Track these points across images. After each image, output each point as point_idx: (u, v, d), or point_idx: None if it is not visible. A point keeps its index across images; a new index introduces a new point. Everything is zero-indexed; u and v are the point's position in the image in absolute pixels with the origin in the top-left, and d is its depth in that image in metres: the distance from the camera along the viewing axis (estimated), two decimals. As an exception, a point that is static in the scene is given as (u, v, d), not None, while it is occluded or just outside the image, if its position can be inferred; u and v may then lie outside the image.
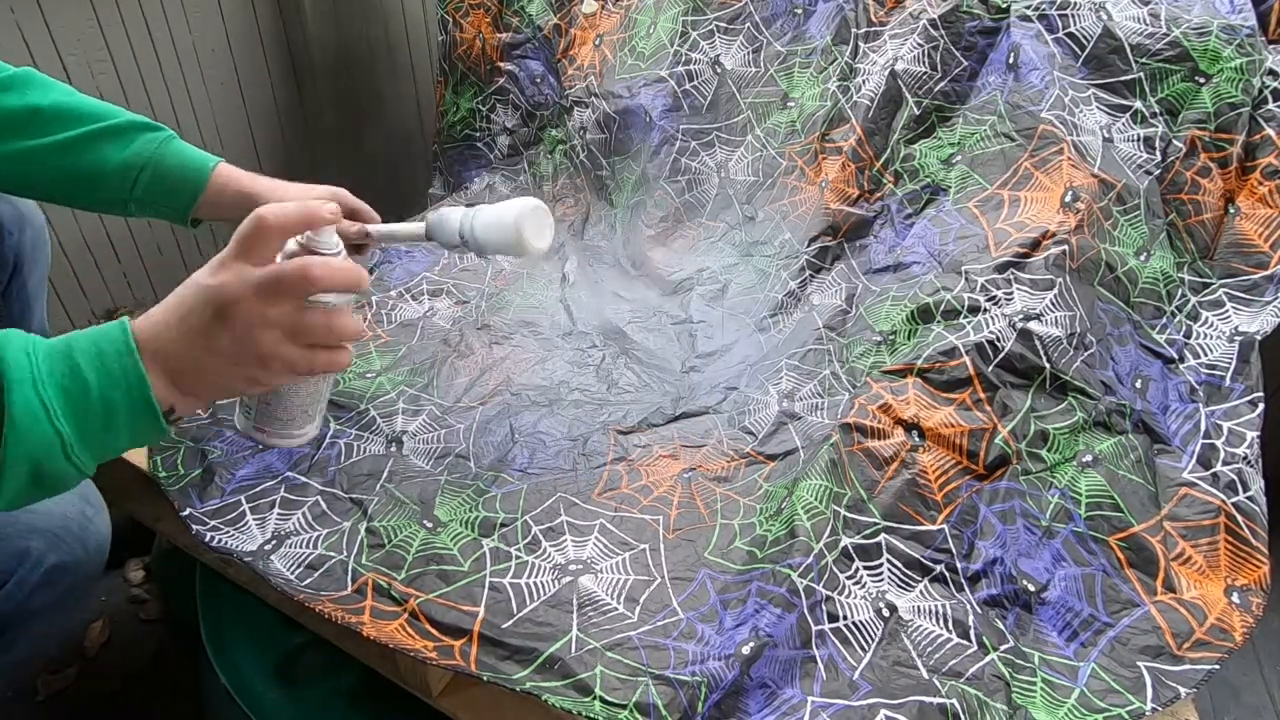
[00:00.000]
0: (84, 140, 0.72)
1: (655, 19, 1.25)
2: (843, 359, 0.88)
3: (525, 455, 0.81)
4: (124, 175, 0.73)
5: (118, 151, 0.73)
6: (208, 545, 0.67)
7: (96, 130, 0.73)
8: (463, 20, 1.41)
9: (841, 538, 0.67)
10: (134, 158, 0.73)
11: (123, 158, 0.73)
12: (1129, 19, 0.90)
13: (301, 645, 0.77)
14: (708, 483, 0.78)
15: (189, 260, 1.53)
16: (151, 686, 0.98)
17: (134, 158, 0.73)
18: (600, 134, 1.28)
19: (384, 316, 1.03)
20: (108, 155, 0.73)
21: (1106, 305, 0.82)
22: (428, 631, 0.61)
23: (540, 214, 0.69)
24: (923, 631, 0.63)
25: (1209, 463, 0.74)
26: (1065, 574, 0.68)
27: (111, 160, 0.73)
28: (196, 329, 0.47)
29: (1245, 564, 0.69)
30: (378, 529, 0.69)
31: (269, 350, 0.47)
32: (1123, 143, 0.89)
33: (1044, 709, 0.59)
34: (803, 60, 1.16)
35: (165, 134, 0.77)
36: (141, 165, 0.73)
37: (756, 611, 0.61)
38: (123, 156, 0.73)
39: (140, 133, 0.75)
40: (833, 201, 1.05)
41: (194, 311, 0.47)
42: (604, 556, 0.68)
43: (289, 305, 0.47)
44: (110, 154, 0.73)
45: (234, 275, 0.47)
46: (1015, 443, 0.72)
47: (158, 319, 0.48)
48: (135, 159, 0.73)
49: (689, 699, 0.55)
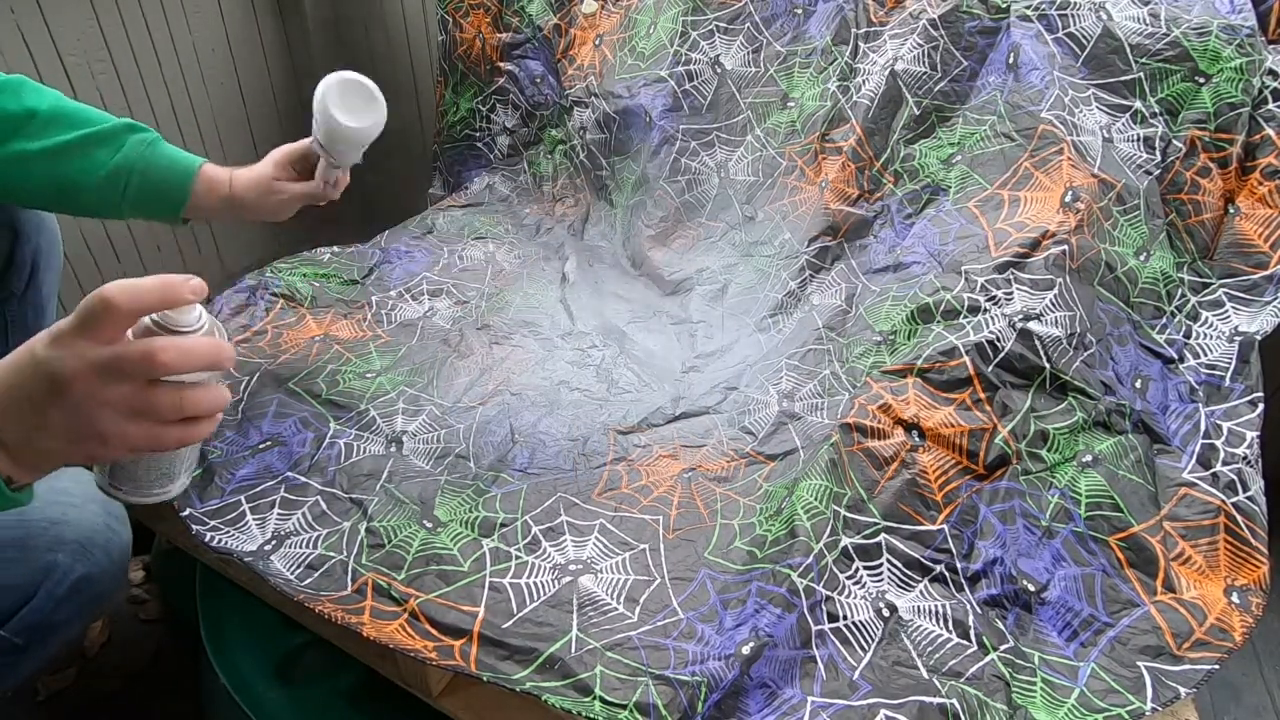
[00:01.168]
0: (76, 146, 0.73)
1: (655, 19, 1.25)
2: (843, 359, 0.88)
3: (525, 455, 0.81)
4: (114, 181, 0.74)
5: (108, 157, 0.74)
6: (208, 545, 0.67)
7: (87, 135, 0.74)
8: (463, 20, 1.41)
9: (841, 538, 0.67)
10: (123, 162, 0.74)
11: (113, 163, 0.74)
12: (1129, 19, 0.90)
13: (301, 645, 0.77)
14: (708, 483, 0.78)
15: (189, 260, 1.54)
16: (151, 686, 0.98)
17: (123, 162, 0.74)
18: (600, 134, 1.28)
19: (384, 317, 1.03)
20: (99, 161, 0.74)
21: (1106, 305, 0.82)
22: (428, 632, 0.61)
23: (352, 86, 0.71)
24: (923, 631, 0.63)
25: (1209, 463, 0.74)
26: (1065, 574, 0.68)
27: (103, 166, 0.74)
28: (28, 403, 0.43)
29: (1245, 564, 0.69)
30: (378, 529, 0.69)
31: (107, 429, 0.43)
32: (1123, 143, 0.89)
33: (1044, 709, 0.59)
34: (803, 60, 1.16)
35: (151, 136, 0.78)
36: (129, 169, 0.74)
37: (756, 611, 0.61)
38: (113, 162, 0.74)
39: (128, 135, 0.76)
40: (833, 201, 1.05)
41: (26, 384, 0.43)
42: (604, 556, 0.68)
43: (129, 387, 0.43)
44: (101, 159, 0.74)
45: (70, 352, 0.42)
46: (1015, 443, 0.72)
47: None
48: (124, 163, 0.74)
49: (689, 699, 0.55)
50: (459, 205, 1.36)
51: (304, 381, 0.86)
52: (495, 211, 1.34)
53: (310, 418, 0.82)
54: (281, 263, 1.10)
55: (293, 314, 0.99)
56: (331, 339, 0.95)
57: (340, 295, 1.05)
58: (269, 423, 0.80)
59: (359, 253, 1.17)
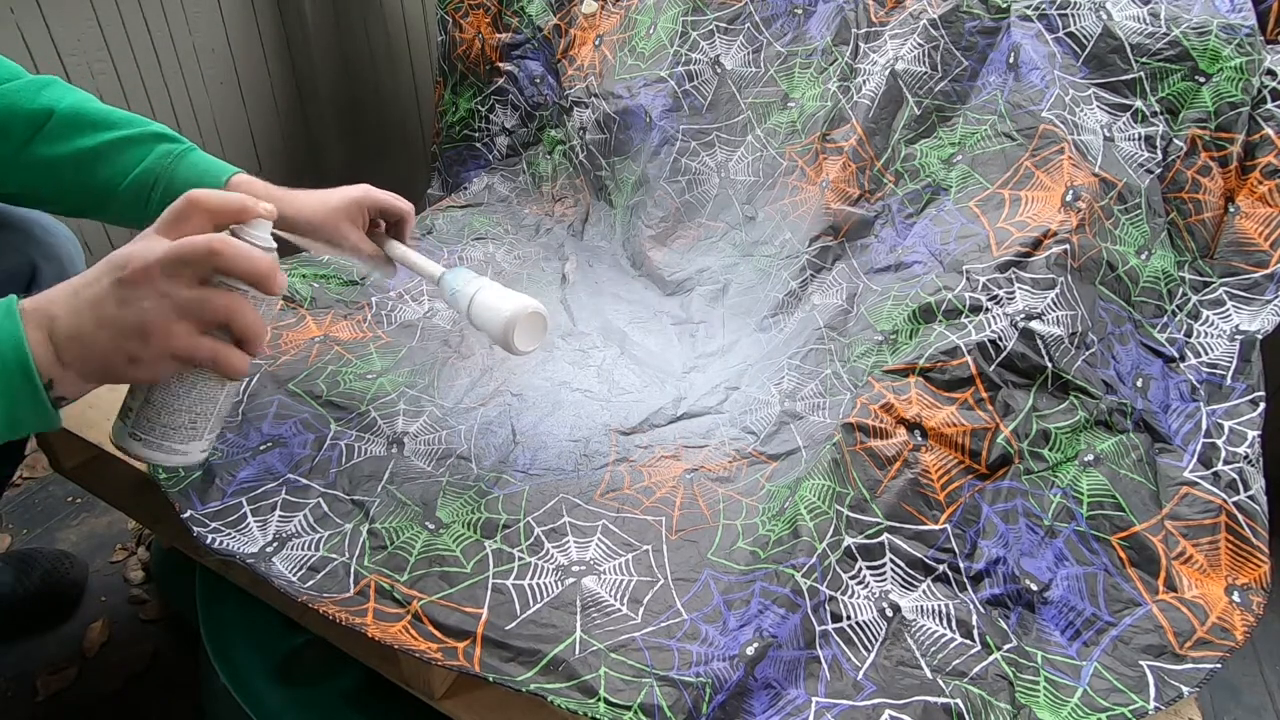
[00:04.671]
0: (100, 151, 0.70)
1: (655, 19, 1.25)
2: (844, 358, 0.88)
3: (527, 456, 0.81)
4: (138, 191, 0.71)
5: (133, 163, 0.71)
6: (209, 547, 0.67)
7: (113, 140, 0.71)
8: (462, 20, 1.41)
9: (844, 537, 0.67)
10: (146, 173, 0.71)
11: (137, 173, 0.71)
12: (1129, 18, 0.90)
13: (301, 645, 0.77)
14: (710, 483, 0.78)
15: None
16: (151, 686, 0.98)
17: (146, 173, 0.71)
18: (600, 134, 1.28)
19: (384, 318, 1.03)
20: (124, 168, 0.71)
21: (1108, 304, 0.82)
22: (431, 634, 0.60)
23: (536, 320, 0.71)
24: (926, 631, 0.63)
25: (1210, 462, 0.75)
26: (1067, 573, 0.68)
27: (127, 174, 0.71)
28: (90, 295, 0.45)
29: (1246, 563, 0.69)
30: (380, 530, 0.69)
31: (154, 321, 0.44)
32: (1123, 142, 0.89)
33: (1047, 708, 0.59)
34: (803, 60, 1.16)
35: (184, 146, 0.74)
36: (154, 181, 0.71)
37: (760, 612, 0.61)
38: (137, 171, 0.71)
39: (157, 144, 0.72)
40: (833, 201, 1.05)
41: (95, 278, 0.45)
42: (607, 558, 0.68)
43: (186, 277, 0.44)
44: (126, 166, 0.71)
45: (144, 244, 0.45)
46: (1017, 442, 0.72)
47: (58, 287, 0.46)
48: (148, 174, 0.71)
49: (693, 700, 0.55)
50: (458, 206, 1.35)
51: (304, 383, 0.86)
52: (494, 212, 1.34)
53: (311, 419, 0.81)
54: (280, 263, 1.09)
55: (292, 315, 0.99)
56: (332, 340, 0.95)
57: (340, 296, 1.05)
58: (269, 424, 0.80)
59: (359, 253, 1.17)
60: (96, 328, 0.44)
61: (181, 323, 0.45)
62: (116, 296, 0.44)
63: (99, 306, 0.44)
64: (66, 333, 0.45)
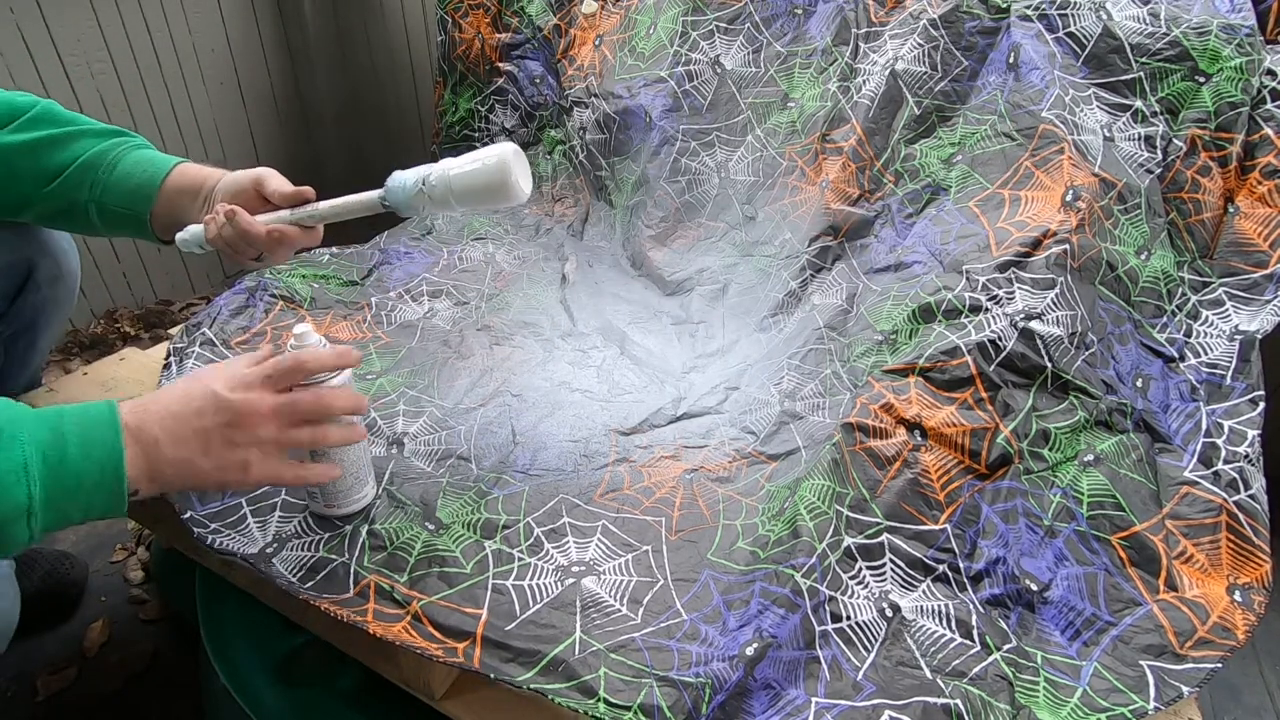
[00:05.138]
0: (55, 139, 0.73)
1: (655, 19, 1.25)
2: (844, 358, 0.88)
3: (527, 457, 0.81)
4: (83, 174, 0.74)
5: (82, 150, 0.74)
6: (209, 548, 0.67)
7: (70, 132, 0.74)
8: (462, 20, 1.41)
9: (844, 538, 0.67)
10: (97, 157, 0.74)
11: (85, 158, 0.74)
12: (1129, 19, 0.90)
13: (301, 645, 0.77)
14: (710, 483, 0.78)
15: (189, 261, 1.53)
16: (151, 686, 0.98)
17: (97, 157, 0.74)
18: (600, 134, 1.28)
19: (384, 318, 1.03)
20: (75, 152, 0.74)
21: (1107, 304, 0.82)
22: (431, 634, 0.60)
23: (521, 158, 0.69)
24: (926, 631, 0.63)
25: (1210, 461, 0.75)
26: (1067, 573, 0.68)
27: (75, 158, 0.74)
28: (203, 432, 0.52)
29: (1247, 562, 0.69)
30: (379, 531, 0.69)
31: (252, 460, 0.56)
32: (1123, 142, 0.89)
33: (1047, 708, 0.59)
34: (803, 60, 1.16)
35: (136, 140, 0.77)
36: (101, 164, 0.74)
37: (760, 612, 0.61)
38: (86, 156, 0.74)
39: (112, 136, 0.76)
40: (833, 201, 1.05)
41: (208, 417, 0.53)
42: (607, 558, 0.68)
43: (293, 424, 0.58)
44: (75, 152, 0.74)
45: (257, 395, 0.55)
46: (1017, 442, 0.72)
47: (154, 408, 0.52)
48: (98, 158, 0.74)
49: (693, 700, 0.55)
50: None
51: (305, 383, 0.86)
52: (494, 212, 1.34)
53: (311, 419, 0.81)
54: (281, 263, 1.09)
55: (292, 315, 0.99)
56: (332, 340, 0.95)
57: (340, 296, 1.05)
58: (270, 424, 0.80)
59: (358, 254, 1.17)
60: (203, 460, 0.53)
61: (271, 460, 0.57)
62: (227, 442, 0.54)
63: (208, 446, 0.53)
64: (170, 459, 0.52)
